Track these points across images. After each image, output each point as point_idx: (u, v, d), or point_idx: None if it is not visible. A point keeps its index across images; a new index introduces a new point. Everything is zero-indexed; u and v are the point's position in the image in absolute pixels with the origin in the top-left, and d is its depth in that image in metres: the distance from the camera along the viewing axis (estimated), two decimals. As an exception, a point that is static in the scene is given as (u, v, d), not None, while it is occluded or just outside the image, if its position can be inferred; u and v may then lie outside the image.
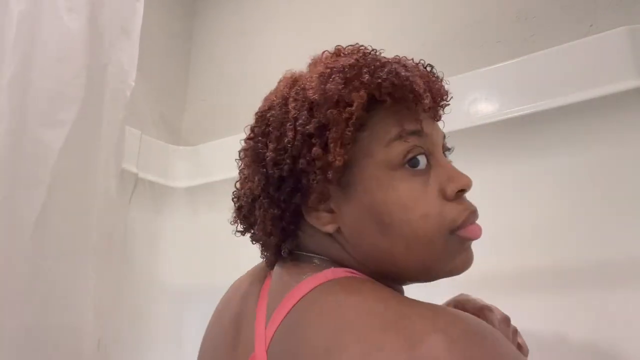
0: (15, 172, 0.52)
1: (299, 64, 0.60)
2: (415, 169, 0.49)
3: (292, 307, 0.46)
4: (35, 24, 0.57)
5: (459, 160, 0.56)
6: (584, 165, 0.96)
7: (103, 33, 0.61)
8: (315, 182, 0.49)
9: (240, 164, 0.58)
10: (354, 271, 0.50)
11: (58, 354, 0.51)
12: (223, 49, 1.71)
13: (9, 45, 0.55)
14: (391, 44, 1.32)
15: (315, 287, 0.47)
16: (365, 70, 0.50)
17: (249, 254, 0.59)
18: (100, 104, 0.58)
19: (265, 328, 0.48)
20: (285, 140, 0.50)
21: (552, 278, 0.94)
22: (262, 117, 0.55)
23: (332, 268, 0.50)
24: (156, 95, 1.61)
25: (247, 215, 0.57)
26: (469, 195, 0.53)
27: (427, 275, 0.52)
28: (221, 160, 1.51)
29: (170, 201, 1.55)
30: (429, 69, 0.56)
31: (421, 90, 0.50)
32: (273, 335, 0.46)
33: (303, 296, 0.46)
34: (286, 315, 0.46)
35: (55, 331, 0.52)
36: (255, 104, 0.57)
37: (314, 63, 0.58)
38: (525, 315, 0.70)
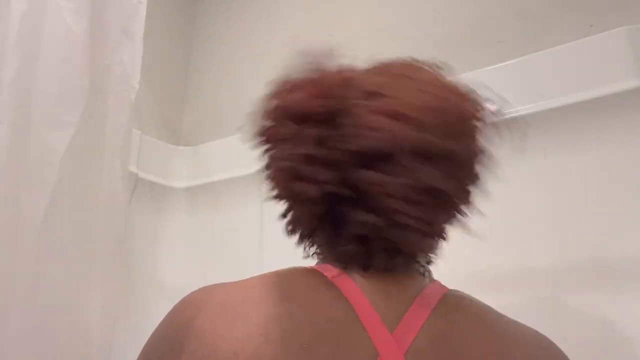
0: (19, 174, 0.52)
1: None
2: None
3: (432, 312, 0.50)
4: (37, 25, 0.57)
5: (459, 160, 0.56)
6: (583, 165, 0.96)
7: (105, 34, 0.61)
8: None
9: None
10: None
11: (63, 356, 0.51)
12: (223, 49, 1.70)
13: (10, 46, 0.55)
14: (391, 44, 1.33)
15: (445, 294, 0.53)
16: None
17: (248, 254, 0.59)
18: (104, 106, 0.59)
19: (392, 333, 0.48)
20: None
21: (552, 277, 0.94)
22: None
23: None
24: (156, 95, 1.61)
25: None
26: None
27: None
28: (221, 160, 1.52)
29: (170, 201, 1.55)
30: None
31: None
32: (414, 339, 0.47)
33: (439, 302, 0.51)
34: (427, 320, 0.49)
35: (60, 333, 0.52)
36: (255, 104, 0.57)
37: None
38: (527, 314, 0.70)
